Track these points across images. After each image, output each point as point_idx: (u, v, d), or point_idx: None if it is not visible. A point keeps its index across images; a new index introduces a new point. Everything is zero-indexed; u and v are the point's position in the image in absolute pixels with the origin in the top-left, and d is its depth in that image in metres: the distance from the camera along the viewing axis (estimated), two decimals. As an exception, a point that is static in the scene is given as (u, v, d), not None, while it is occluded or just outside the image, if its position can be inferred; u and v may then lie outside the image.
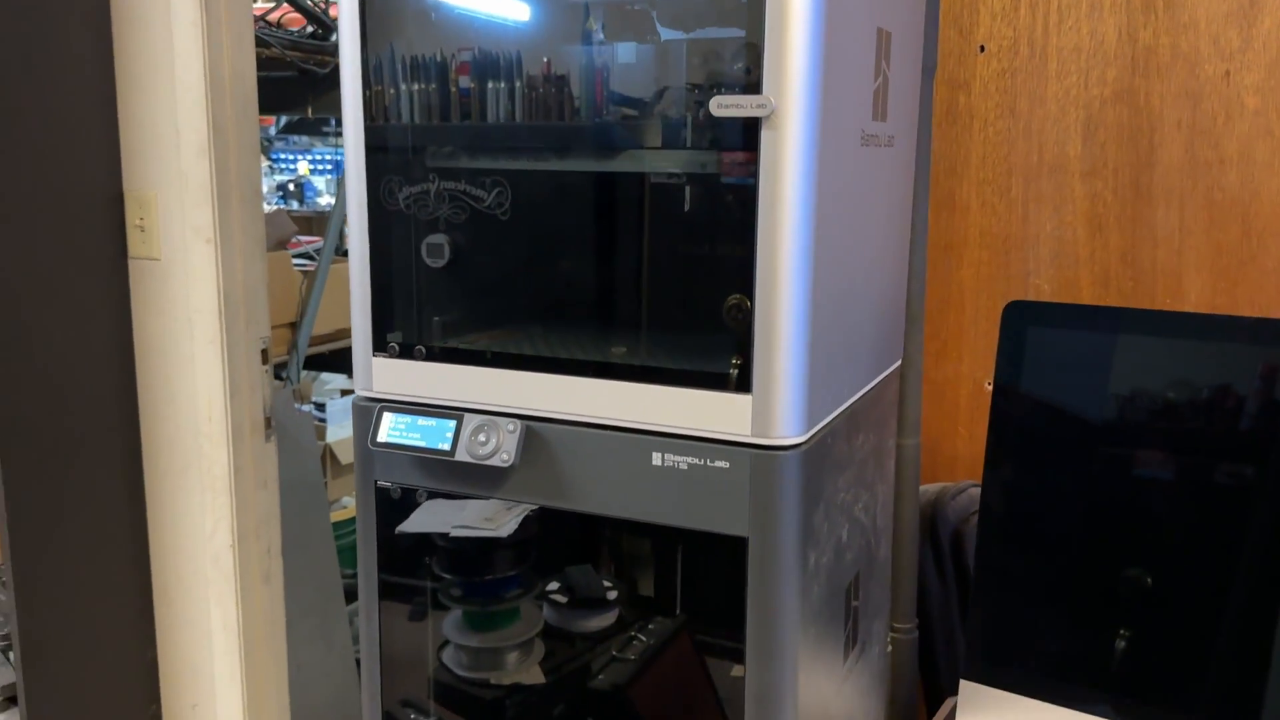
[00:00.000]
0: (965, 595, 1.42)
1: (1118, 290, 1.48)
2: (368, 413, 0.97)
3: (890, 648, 1.39)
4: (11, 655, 2.06)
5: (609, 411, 0.89)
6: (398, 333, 0.97)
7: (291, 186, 7.19)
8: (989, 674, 1.19)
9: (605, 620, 0.97)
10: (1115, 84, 1.45)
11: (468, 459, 0.92)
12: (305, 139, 7.01)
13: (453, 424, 0.94)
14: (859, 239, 0.95)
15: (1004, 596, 1.18)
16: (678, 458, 0.87)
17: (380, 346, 0.97)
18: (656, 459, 0.88)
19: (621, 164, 0.87)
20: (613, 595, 0.97)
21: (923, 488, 1.52)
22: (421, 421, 0.95)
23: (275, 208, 2.83)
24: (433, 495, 0.98)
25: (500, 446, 0.91)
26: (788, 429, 0.84)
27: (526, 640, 1.01)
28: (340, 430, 2.96)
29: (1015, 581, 1.18)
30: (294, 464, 2.51)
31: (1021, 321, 1.19)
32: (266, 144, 7.10)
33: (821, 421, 0.89)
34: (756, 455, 0.85)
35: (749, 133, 0.79)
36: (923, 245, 1.38)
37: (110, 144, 2.09)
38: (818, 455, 0.89)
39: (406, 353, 0.96)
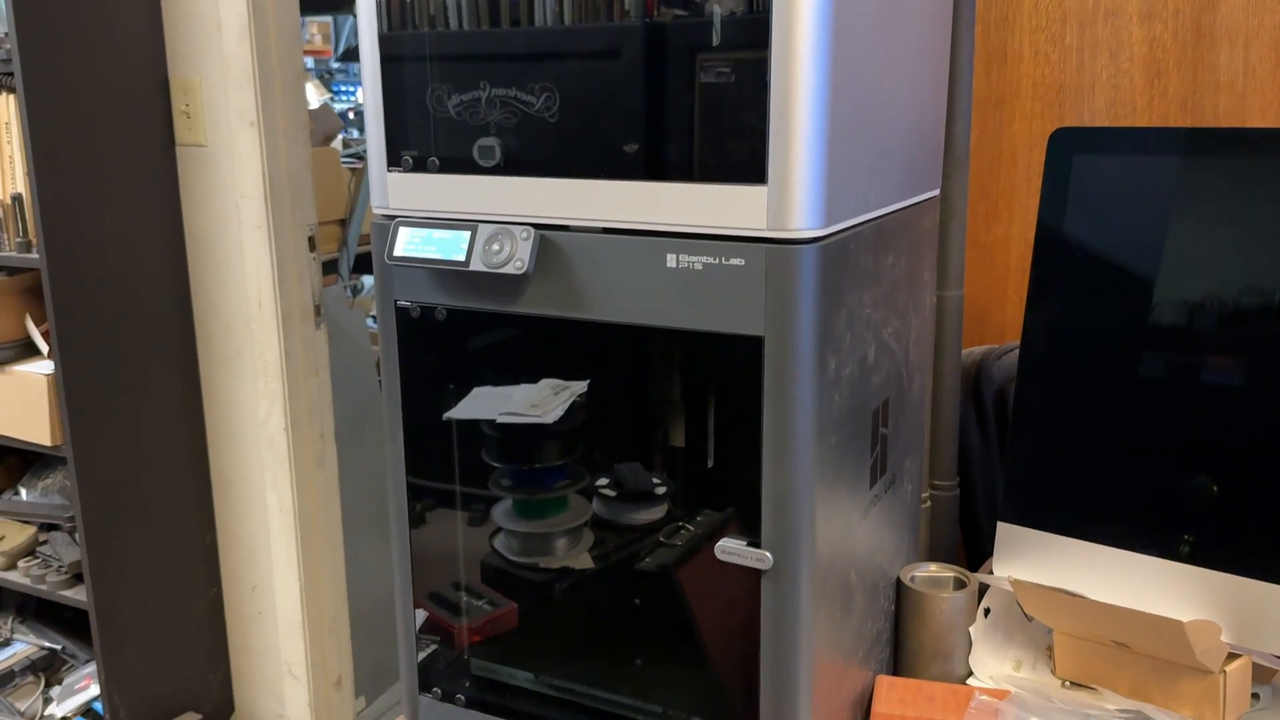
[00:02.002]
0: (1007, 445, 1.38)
1: (1177, 138, 1.41)
2: (384, 230, 0.97)
3: (929, 503, 1.37)
4: (77, 535, 2.13)
5: (622, 214, 0.87)
6: (412, 149, 0.95)
7: (352, 115, 7.23)
8: (1027, 515, 1.16)
9: (654, 514, 0.96)
10: (1177, -83, 1.37)
11: (483, 268, 0.91)
12: (365, 68, 7.04)
13: (467, 234, 0.92)
14: (884, 44, 0.91)
15: (1042, 437, 1.15)
16: (692, 258, 0.85)
17: (395, 161, 0.96)
18: (671, 261, 0.86)
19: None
20: (661, 490, 0.96)
21: (969, 350, 1.48)
22: (436, 234, 0.94)
23: (323, 103, 2.82)
24: (452, 315, 0.97)
25: (514, 254, 0.90)
26: (804, 221, 0.81)
27: (575, 528, 1.00)
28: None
29: (1055, 422, 1.14)
30: (347, 358, 2.55)
31: (1069, 149, 1.14)
32: (327, 75, 7.17)
33: (843, 222, 0.86)
34: (772, 250, 0.82)
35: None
36: (967, 90, 1.32)
37: (154, 30, 2.10)
38: (838, 255, 0.86)
39: (420, 166, 0.95)
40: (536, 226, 0.91)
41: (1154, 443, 1.08)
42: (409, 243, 0.94)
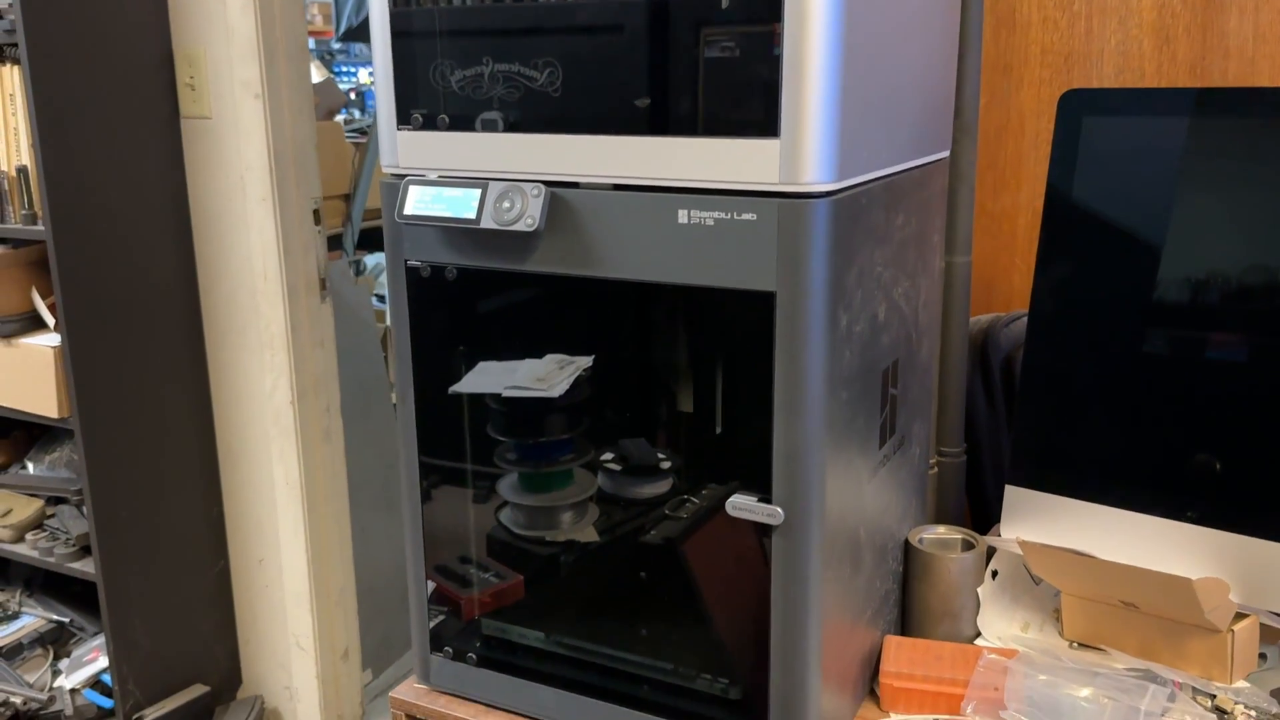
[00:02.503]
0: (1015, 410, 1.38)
1: (1185, 103, 1.41)
2: (394, 189, 0.97)
3: (936, 470, 1.37)
4: (85, 509, 2.14)
5: (633, 169, 0.87)
6: (422, 107, 0.95)
7: (353, 95, 7.23)
8: (1034, 478, 1.16)
9: (659, 488, 0.96)
10: (1188, -120, 1.36)
11: (493, 226, 0.91)
12: (366, 50, 7.08)
13: (477, 192, 0.92)
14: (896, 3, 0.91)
15: (1050, 400, 1.15)
16: (704, 213, 0.85)
17: (404, 120, 0.96)
18: (683, 216, 0.86)
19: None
20: (667, 465, 0.96)
21: (975, 317, 1.48)
22: (447, 192, 0.94)
23: (327, 77, 2.82)
24: (462, 272, 0.97)
25: (525, 211, 0.90)
26: (817, 174, 0.81)
27: (580, 501, 1.01)
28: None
29: (1063, 384, 1.14)
30: (353, 333, 2.55)
31: (1078, 110, 1.13)
32: (329, 56, 7.17)
33: (855, 177, 0.86)
34: (784, 204, 0.82)
35: None
36: (976, 55, 1.31)
37: (158, 2, 2.09)
38: (850, 210, 0.86)
39: (430, 124, 0.95)
40: (547, 184, 0.91)
41: (1162, 405, 1.08)
42: (419, 201, 0.94)
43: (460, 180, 0.94)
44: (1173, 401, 1.08)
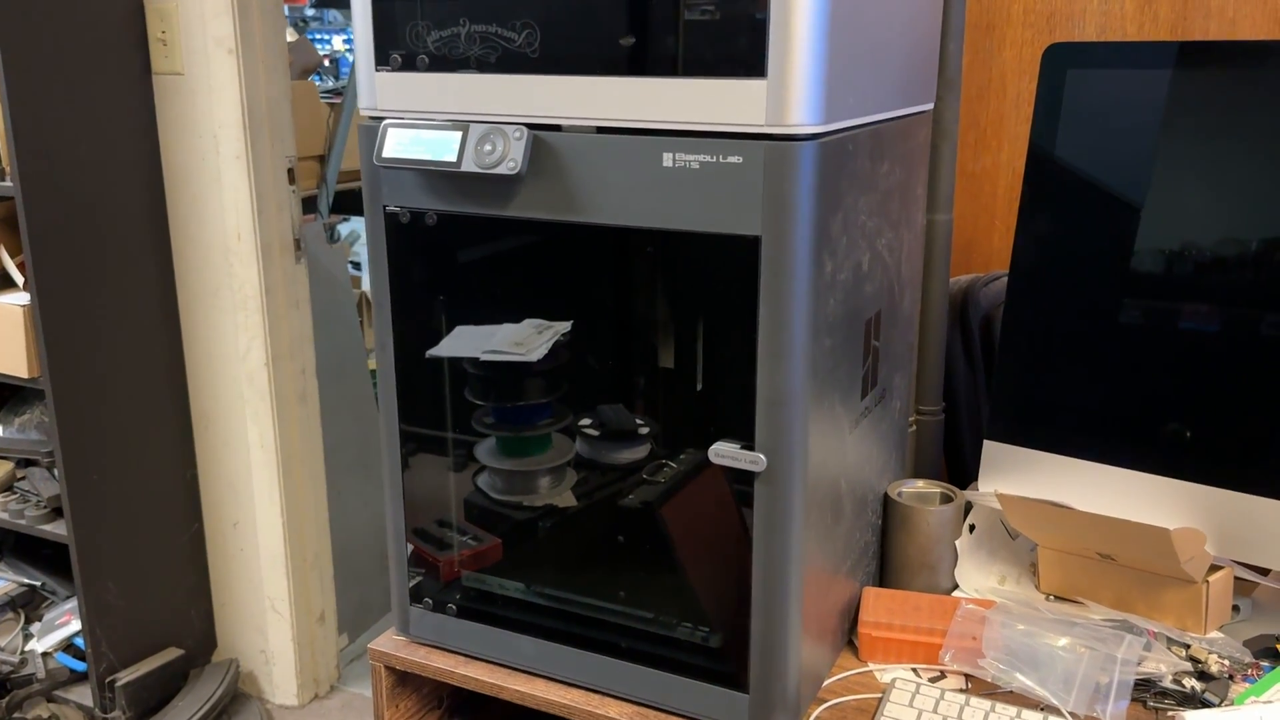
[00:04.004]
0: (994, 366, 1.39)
1: (1167, 64, 1.41)
2: (372, 132, 0.95)
3: (915, 428, 1.38)
4: (55, 471, 2.11)
5: (617, 111, 0.86)
6: (401, 48, 0.94)
7: (327, 63, 7.15)
8: (1013, 432, 1.16)
9: (637, 453, 0.95)
10: None
11: (474, 169, 0.90)
12: (340, 16, 7.02)
13: (458, 134, 0.91)
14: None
15: (1030, 355, 1.15)
16: (689, 156, 0.84)
17: (383, 60, 0.94)
18: (668, 160, 0.85)
19: None
20: (644, 430, 0.95)
21: (955, 278, 1.48)
22: (426, 135, 0.92)
23: (299, 37, 2.77)
24: (442, 218, 0.96)
25: (507, 154, 0.89)
26: (804, 115, 0.80)
27: (558, 466, 1.00)
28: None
29: (1043, 340, 1.15)
30: (328, 297, 2.52)
31: (1062, 64, 1.13)
32: (302, 23, 7.09)
33: (842, 121, 0.85)
34: (771, 146, 0.81)
35: None
36: (960, 10, 1.31)
37: (129, -47, 2.04)
38: (836, 154, 0.85)
39: (409, 64, 0.93)
40: (530, 126, 0.89)
41: (1141, 359, 1.09)
42: (398, 144, 0.93)
43: (441, 123, 0.93)
44: (1151, 357, 1.08)
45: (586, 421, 0.97)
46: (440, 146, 0.91)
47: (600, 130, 0.88)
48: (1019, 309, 1.17)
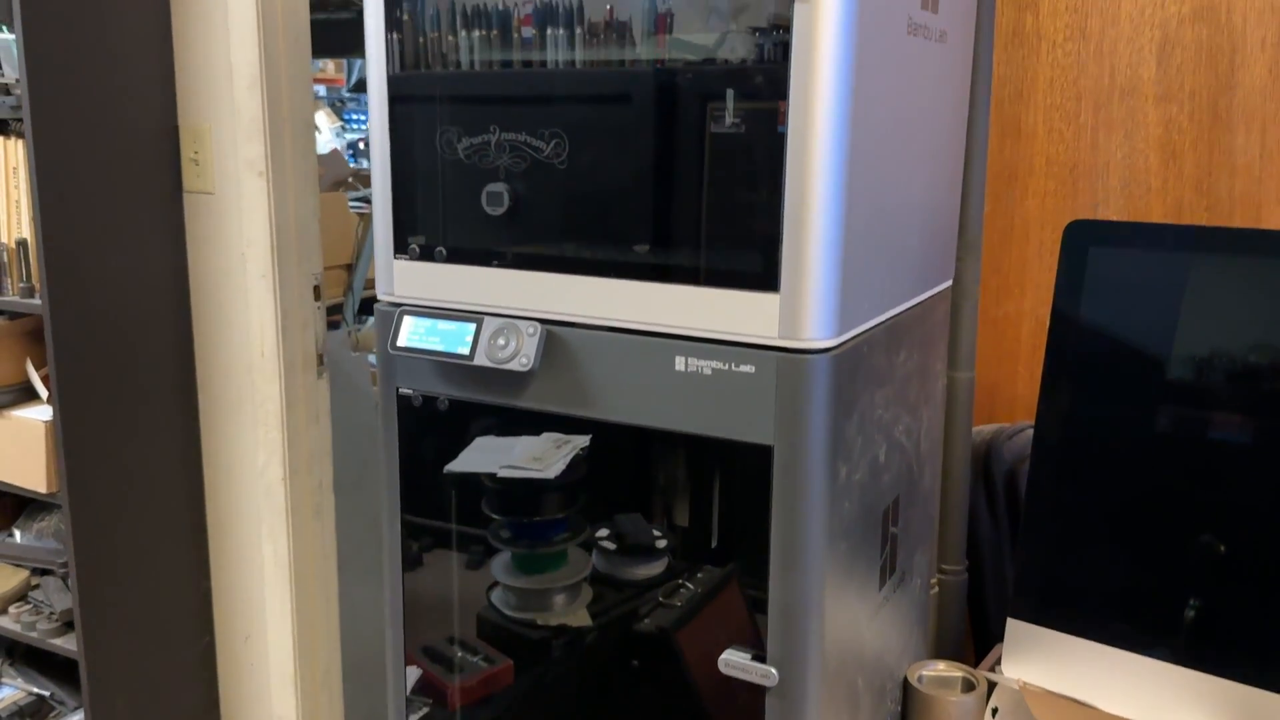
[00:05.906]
0: (1018, 538, 1.36)
1: (1191, 222, 1.40)
2: (389, 317, 0.95)
3: (937, 589, 1.34)
4: (70, 582, 2.10)
5: (631, 314, 0.86)
6: (420, 235, 0.94)
7: (363, 145, 7.28)
8: (1037, 613, 1.13)
9: (654, 569, 0.94)
10: (1194, 0, 1.36)
11: (487, 363, 0.89)
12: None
13: (472, 327, 0.91)
14: (903, 135, 0.90)
15: (1055, 533, 1.12)
16: (702, 362, 0.83)
17: (401, 249, 0.94)
18: (680, 364, 0.84)
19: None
20: (662, 544, 0.93)
21: (979, 428, 1.46)
22: (441, 325, 0.92)
23: (333, 149, 2.82)
24: (454, 404, 0.95)
25: (520, 350, 0.88)
26: (817, 331, 0.79)
27: (574, 584, 0.98)
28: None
29: (1068, 518, 1.12)
30: (349, 405, 2.53)
31: (1084, 241, 1.12)
32: (339, 104, 7.21)
33: (856, 328, 0.84)
34: (784, 359, 0.80)
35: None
36: (981, 168, 1.31)
37: (165, 78, 2.09)
38: (851, 363, 0.84)
39: (427, 254, 0.93)
40: (543, 322, 0.89)
41: (1168, 541, 1.06)
42: (413, 333, 0.93)
43: (455, 313, 0.92)
44: (1178, 539, 1.05)
45: (604, 533, 0.95)
46: (454, 338, 0.91)
47: (614, 330, 0.87)
48: (1042, 483, 1.14)
